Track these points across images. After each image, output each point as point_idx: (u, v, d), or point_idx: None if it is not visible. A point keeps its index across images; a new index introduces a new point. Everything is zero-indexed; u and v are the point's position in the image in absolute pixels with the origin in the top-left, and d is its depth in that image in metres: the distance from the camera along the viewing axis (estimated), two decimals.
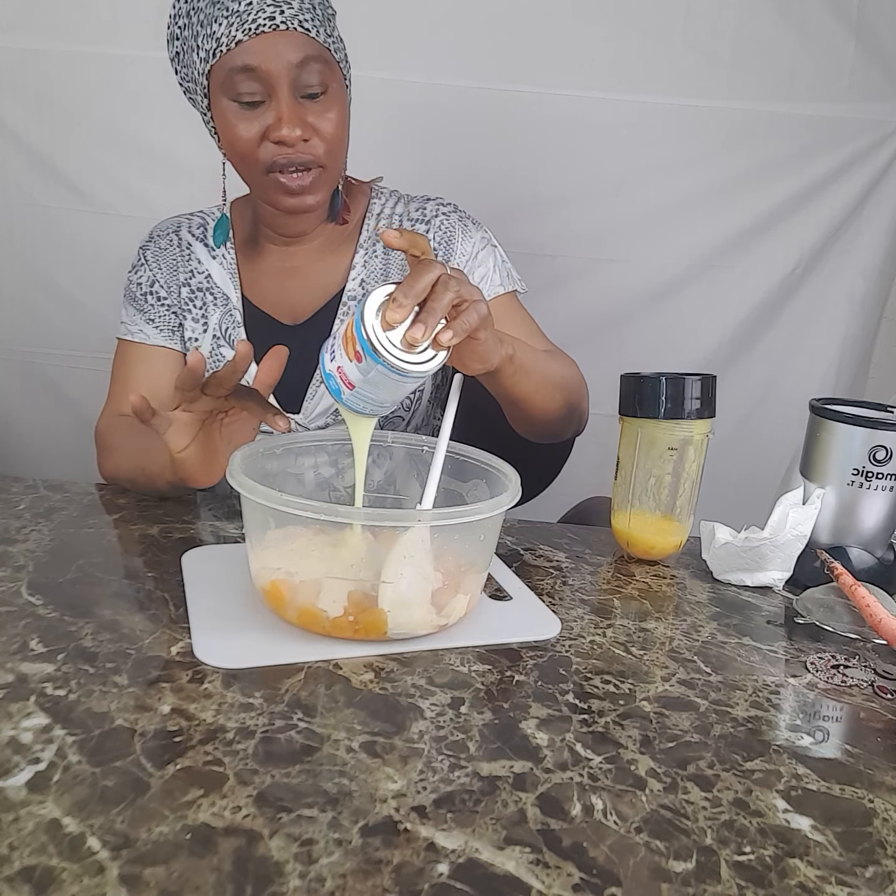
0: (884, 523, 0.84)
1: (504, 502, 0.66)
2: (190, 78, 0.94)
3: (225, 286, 1.05)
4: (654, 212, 1.67)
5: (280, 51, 0.86)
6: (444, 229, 1.04)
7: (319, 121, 0.90)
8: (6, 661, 0.59)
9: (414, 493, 0.81)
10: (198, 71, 0.90)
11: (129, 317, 1.06)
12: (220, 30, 0.86)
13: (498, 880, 0.43)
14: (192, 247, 1.06)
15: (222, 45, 0.86)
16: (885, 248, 1.70)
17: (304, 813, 0.46)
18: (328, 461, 0.83)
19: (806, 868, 0.45)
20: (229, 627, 0.66)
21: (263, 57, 0.85)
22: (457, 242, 1.04)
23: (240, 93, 0.88)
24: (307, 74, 0.88)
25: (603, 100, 1.60)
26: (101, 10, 1.54)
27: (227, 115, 0.90)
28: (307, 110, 0.89)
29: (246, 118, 0.89)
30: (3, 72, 1.57)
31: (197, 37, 0.89)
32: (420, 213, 1.05)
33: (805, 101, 1.61)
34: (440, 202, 1.07)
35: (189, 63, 0.92)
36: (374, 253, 1.04)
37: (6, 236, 1.67)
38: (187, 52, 0.92)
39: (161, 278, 1.06)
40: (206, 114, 0.95)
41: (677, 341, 1.72)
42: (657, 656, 0.68)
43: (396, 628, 0.64)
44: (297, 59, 0.86)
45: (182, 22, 0.92)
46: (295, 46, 0.86)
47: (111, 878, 0.41)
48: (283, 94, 0.87)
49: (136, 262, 1.08)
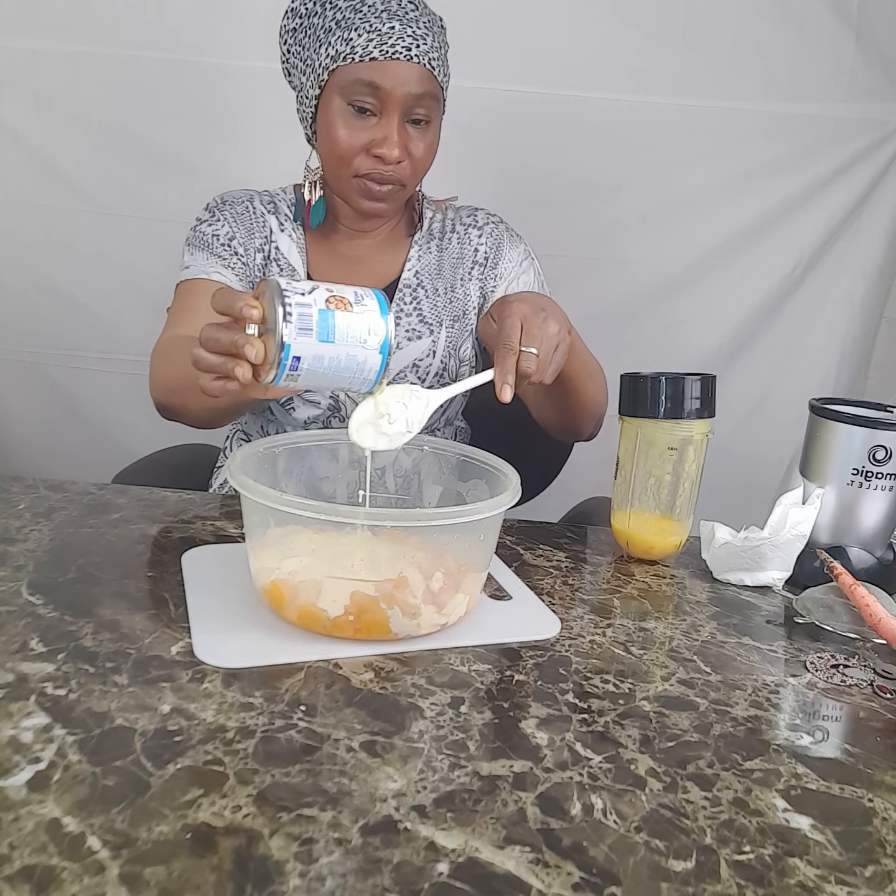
0: (883, 523, 0.84)
1: (504, 502, 0.66)
2: (304, 60, 0.99)
3: (293, 259, 1.08)
4: (654, 212, 1.67)
5: (406, 80, 0.94)
6: (494, 236, 1.13)
7: (415, 147, 0.98)
8: (6, 661, 0.59)
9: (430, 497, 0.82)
10: (320, 63, 0.96)
11: (203, 261, 1.05)
12: (358, 41, 0.92)
13: (498, 880, 0.43)
14: (265, 216, 1.09)
15: (356, 54, 0.93)
16: (885, 248, 1.70)
17: (304, 812, 0.46)
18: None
19: (805, 867, 0.45)
20: (229, 627, 0.66)
21: (391, 81, 0.93)
22: (505, 250, 1.13)
23: (360, 101, 0.95)
24: (420, 106, 0.96)
25: (603, 100, 1.60)
26: (101, 10, 1.54)
27: (338, 115, 0.96)
28: (409, 135, 0.97)
29: (356, 125, 0.96)
30: (3, 72, 1.57)
31: (329, 32, 0.95)
32: (472, 220, 1.14)
33: (805, 101, 1.61)
34: (488, 212, 1.16)
35: (308, 47, 0.98)
36: (428, 249, 1.12)
37: (6, 236, 1.67)
38: (311, 38, 0.98)
39: (239, 236, 1.07)
40: (310, 101, 0.99)
41: (677, 341, 1.72)
42: (657, 656, 0.68)
43: (398, 627, 0.64)
44: (417, 91, 0.95)
45: (312, 7, 0.98)
46: (419, 80, 0.94)
47: (111, 877, 0.41)
48: (394, 117, 0.95)
49: (208, 217, 1.08)
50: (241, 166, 1.58)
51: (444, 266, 1.12)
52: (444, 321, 1.09)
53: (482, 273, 1.11)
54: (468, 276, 1.11)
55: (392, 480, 0.89)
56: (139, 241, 1.65)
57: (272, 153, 1.27)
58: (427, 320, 1.08)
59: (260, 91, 1.57)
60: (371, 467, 0.72)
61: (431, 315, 1.09)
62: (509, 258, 1.12)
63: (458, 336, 1.11)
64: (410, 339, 1.07)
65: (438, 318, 1.09)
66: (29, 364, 1.73)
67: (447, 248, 1.12)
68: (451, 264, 1.12)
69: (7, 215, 1.66)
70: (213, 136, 1.61)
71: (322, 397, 1.06)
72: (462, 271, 1.11)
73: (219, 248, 1.06)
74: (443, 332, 1.09)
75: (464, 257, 1.12)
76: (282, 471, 0.79)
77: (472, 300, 1.12)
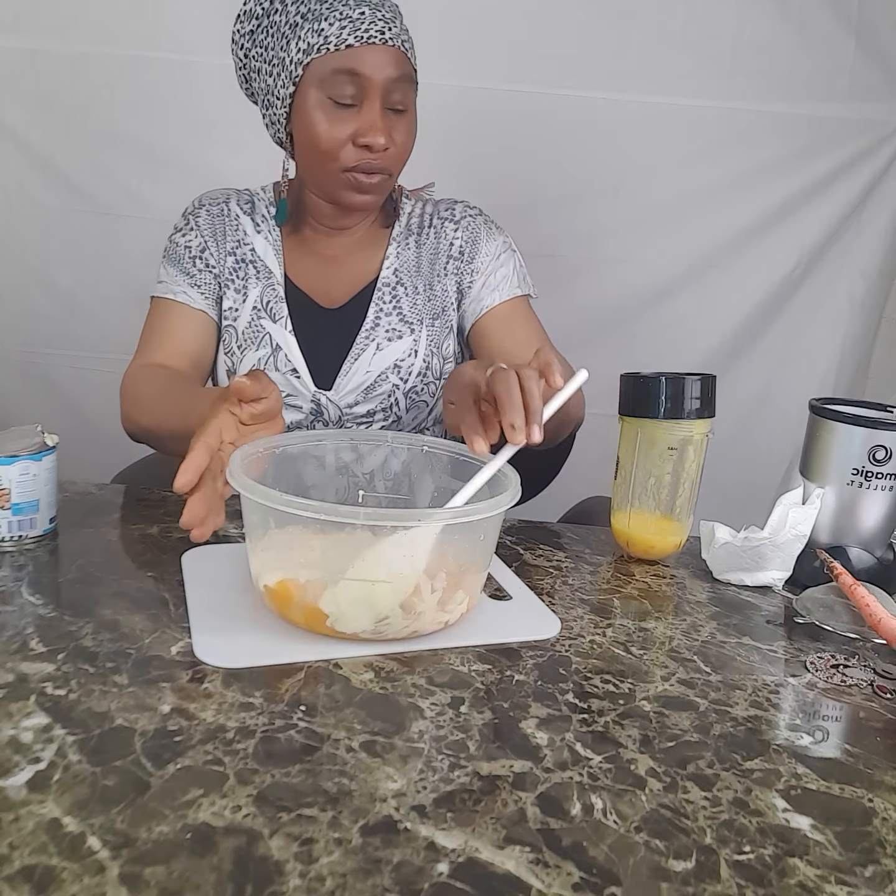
0: (883, 523, 0.84)
1: (504, 502, 0.66)
2: (269, 61, 0.98)
3: (269, 261, 1.08)
4: (654, 212, 1.67)
5: (384, 64, 0.93)
6: (471, 230, 1.10)
7: (398, 133, 0.97)
8: (6, 661, 0.59)
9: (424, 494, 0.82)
10: (291, 59, 0.94)
11: (173, 277, 1.07)
12: (331, 30, 0.91)
13: (498, 880, 0.43)
14: (239, 218, 1.09)
15: (330, 44, 0.91)
16: (885, 248, 1.70)
17: (304, 812, 0.46)
18: (349, 445, 0.84)
19: (805, 867, 0.45)
20: (229, 627, 0.66)
21: (369, 66, 0.92)
22: (482, 243, 1.10)
23: (339, 93, 0.93)
24: (398, 91, 0.95)
25: (603, 100, 1.60)
26: (101, 10, 1.55)
27: (317, 109, 0.94)
28: (391, 122, 0.96)
29: (337, 118, 0.94)
30: (3, 72, 1.58)
31: (296, 26, 0.94)
32: (449, 213, 1.12)
33: (805, 101, 1.61)
34: (467, 205, 1.13)
35: (272, 46, 0.97)
36: (406, 246, 1.10)
37: (6, 236, 1.67)
38: (274, 36, 0.97)
39: (212, 245, 1.07)
40: (283, 101, 0.98)
41: (677, 341, 1.72)
42: (657, 656, 0.68)
43: (399, 627, 0.64)
44: (395, 74, 0.94)
45: (269, 6, 0.96)
46: (395, 63, 0.94)
47: (111, 877, 0.41)
48: (376, 104, 0.94)
49: (182, 226, 1.09)
50: (240, 166, 1.57)
51: (423, 262, 1.10)
52: (424, 319, 1.08)
53: (458, 268, 1.09)
54: (444, 272, 1.09)
55: (382, 483, 0.89)
56: (139, 241, 1.65)
57: (272, 153, 1.26)
58: (407, 319, 1.07)
59: None
60: (360, 471, 0.72)
61: (412, 313, 1.07)
62: (486, 252, 1.09)
63: (440, 333, 1.09)
64: (391, 340, 1.06)
65: (419, 317, 1.08)
66: (29, 364, 1.73)
67: (424, 244, 1.10)
68: (429, 260, 1.10)
69: (7, 215, 1.66)
70: (212, 136, 1.61)
71: (304, 402, 1.06)
72: (438, 267, 1.09)
73: (188, 262, 1.06)
74: (423, 330, 1.07)
75: (439, 252, 1.10)
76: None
77: (450, 296, 1.10)
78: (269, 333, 1.05)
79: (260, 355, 1.05)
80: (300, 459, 0.81)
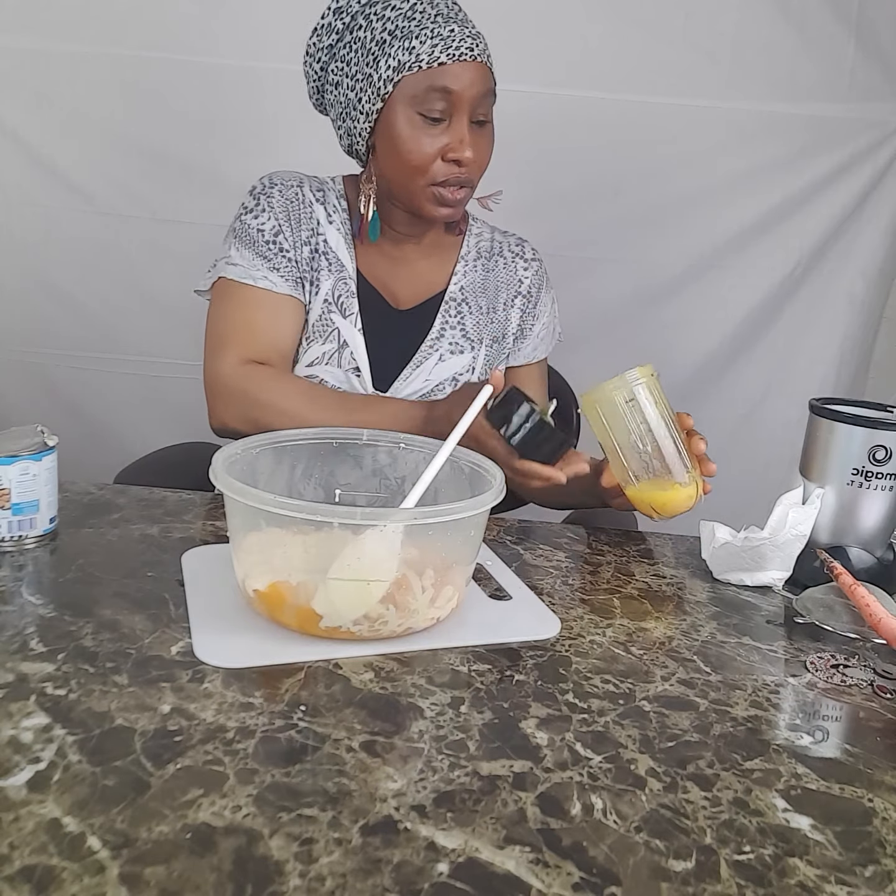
0: (883, 523, 0.84)
1: (487, 501, 0.66)
2: (352, 76, 0.98)
3: (341, 254, 1.07)
4: (653, 212, 1.67)
5: (474, 80, 0.95)
6: (538, 276, 1.17)
7: (481, 146, 0.99)
8: (6, 661, 0.59)
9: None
10: (380, 76, 0.95)
11: (249, 261, 1.03)
12: (422, 48, 0.93)
13: (498, 879, 0.43)
14: (312, 206, 1.07)
15: (422, 61, 0.93)
16: (885, 248, 1.70)
17: (304, 812, 0.46)
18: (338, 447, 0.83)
19: (805, 867, 0.45)
20: (229, 627, 0.66)
21: (461, 83, 0.94)
22: (544, 292, 1.18)
23: (430, 109, 0.95)
24: (483, 105, 0.98)
25: (603, 100, 1.60)
26: (101, 10, 1.55)
27: (408, 125, 0.96)
28: (475, 135, 0.98)
29: (427, 133, 0.96)
30: (3, 72, 1.58)
31: (384, 43, 0.95)
32: (520, 250, 1.17)
33: (805, 101, 1.61)
34: (533, 247, 1.19)
35: (357, 62, 0.97)
36: (474, 268, 1.14)
37: (6, 236, 1.67)
38: (358, 52, 0.97)
39: (286, 230, 1.04)
40: (368, 116, 0.98)
41: (677, 341, 1.72)
42: (657, 656, 0.68)
43: (394, 625, 0.64)
44: (482, 90, 0.96)
45: (350, 21, 0.97)
46: (483, 79, 0.96)
47: (111, 877, 0.41)
48: (464, 119, 0.96)
49: (253, 206, 1.05)
50: (241, 166, 1.57)
51: (489, 287, 1.14)
52: (484, 339, 1.11)
53: (524, 306, 1.15)
54: (511, 303, 1.15)
55: (373, 481, 0.87)
56: (139, 241, 1.65)
57: (272, 153, 1.27)
58: (469, 336, 1.10)
59: (260, 91, 1.58)
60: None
61: (474, 331, 1.11)
62: (545, 301, 1.17)
63: (496, 357, 1.13)
64: (453, 353, 1.09)
65: (479, 336, 1.11)
66: (29, 364, 1.73)
67: (493, 270, 1.14)
68: (496, 286, 1.14)
69: (7, 215, 1.66)
70: (213, 136, 1.61)
71: None
72: (506, 296, 1.14)
73: (263, 246, 1.03)
74: (482, 349, 1.11)
75: (509, 283, 1.15)
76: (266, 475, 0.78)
77: (512, 326, 1.14)
78: (337, 329, 1.05)
79: (325, 349, 1.04)
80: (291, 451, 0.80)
